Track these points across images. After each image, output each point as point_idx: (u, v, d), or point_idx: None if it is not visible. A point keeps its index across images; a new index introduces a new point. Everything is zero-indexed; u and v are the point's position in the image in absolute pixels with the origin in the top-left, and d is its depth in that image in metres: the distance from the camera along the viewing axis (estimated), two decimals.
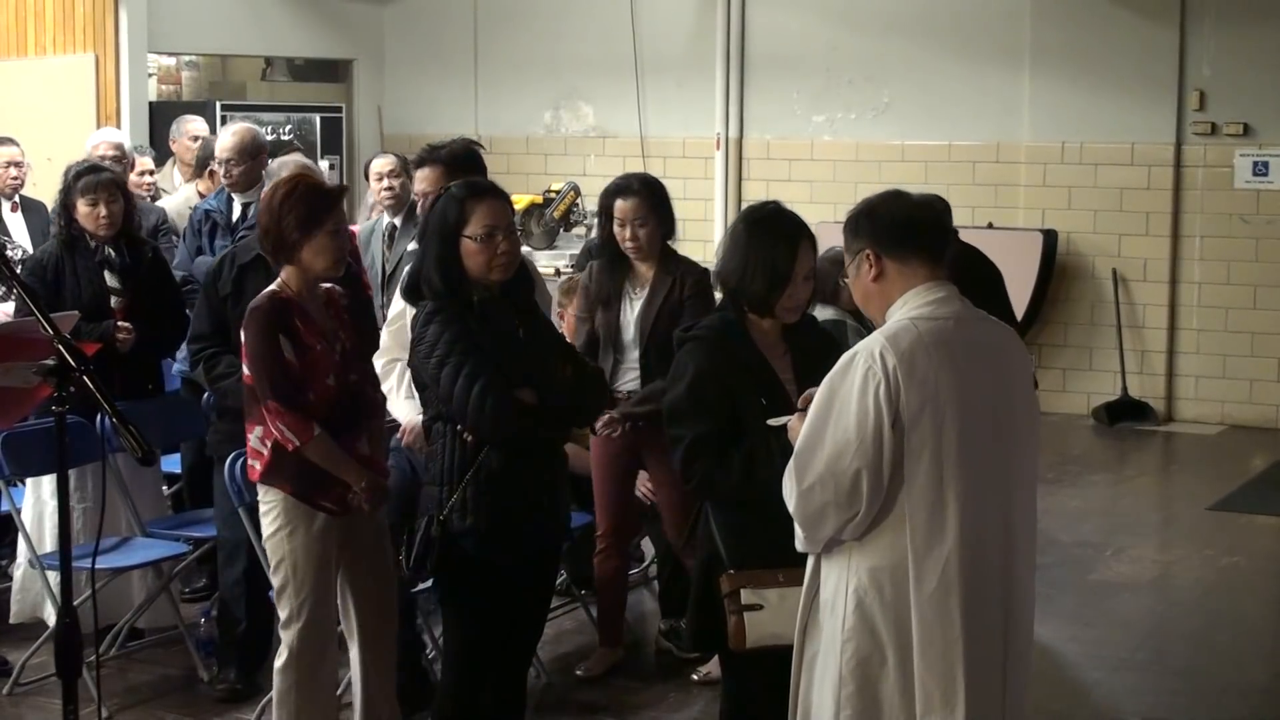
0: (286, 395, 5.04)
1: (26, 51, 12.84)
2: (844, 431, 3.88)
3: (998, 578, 3.98)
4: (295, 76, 15.27)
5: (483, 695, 5.01)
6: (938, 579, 3.89)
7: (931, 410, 3.86)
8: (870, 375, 3.86)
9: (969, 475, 3.90)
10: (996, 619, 3.98)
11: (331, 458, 5.10)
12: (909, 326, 3.93)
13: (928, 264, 4.02)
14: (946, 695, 3.90)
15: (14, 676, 6.53)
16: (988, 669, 3.96)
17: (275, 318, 5.08)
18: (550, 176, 13.21)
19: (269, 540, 5.21)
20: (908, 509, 3.90)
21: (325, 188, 5.30)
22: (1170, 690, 6.83)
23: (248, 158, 8.01)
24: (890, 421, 3.85)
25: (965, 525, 3.89)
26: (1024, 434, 4.08)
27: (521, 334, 4.91)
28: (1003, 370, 4.05)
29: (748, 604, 4.44)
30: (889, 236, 4.02)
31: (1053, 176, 12.62)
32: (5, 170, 9.27)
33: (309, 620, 5.17)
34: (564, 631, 7.27)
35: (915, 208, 4.09)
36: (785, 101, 13.71)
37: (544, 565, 5.15)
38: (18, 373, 3.89)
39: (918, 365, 3.86)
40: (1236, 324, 12.33)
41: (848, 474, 3.87)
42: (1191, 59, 12.30)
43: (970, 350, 3.96)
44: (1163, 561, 8.76)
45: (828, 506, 3.92)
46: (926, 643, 3.90)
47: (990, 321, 4.16)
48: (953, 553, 3.89)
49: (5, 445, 6.27)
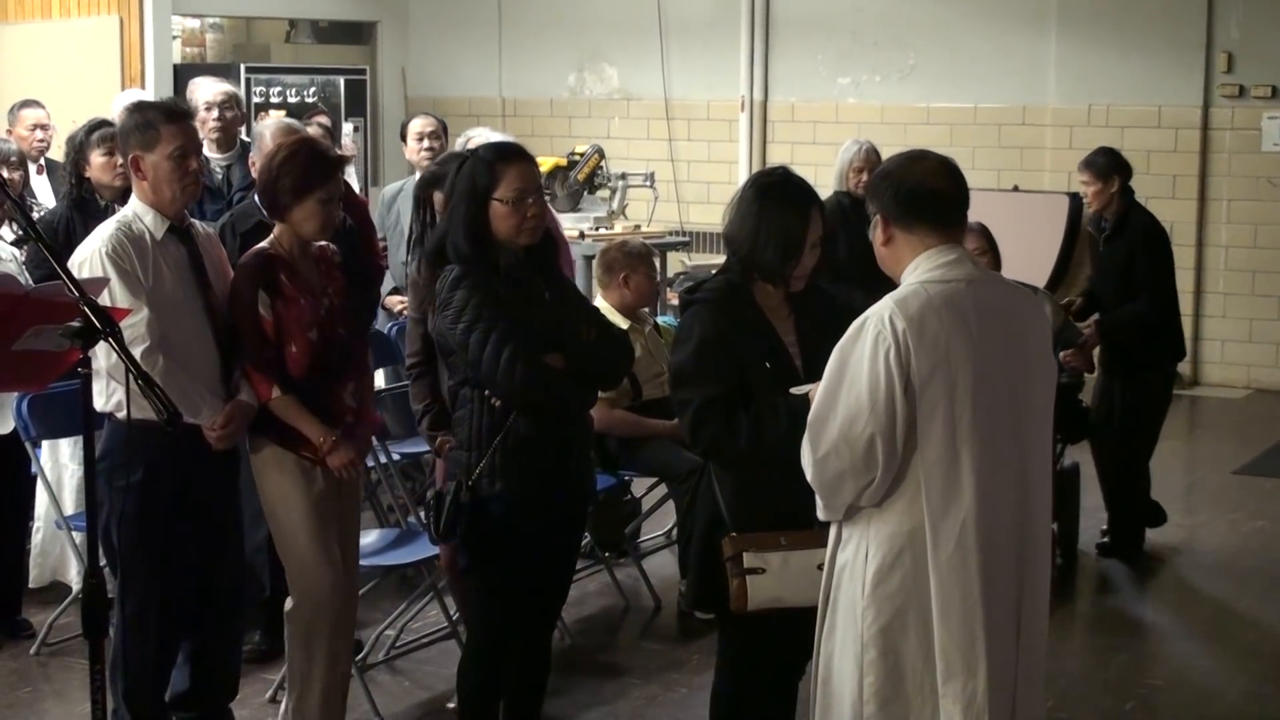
0: (251, 354, 5.16)
1: (51, 14, 12.85)
2: (856, 398, 3.87)
3: (1014, 541, 3.97)
4: (319, 39, 15.26)
5: (508, 657, 5.04)
6: (955, 542, 3.89)
7: (943, 373, 3.86)
8: (880, 340, 3.85)
9: (983, 438, 3.88)
10: (1012, 583, 3.97)
11: (292, 414, 5.18)
12: (919, 290, 3.92)
13: (937, 232, 4.00)
14: (968, 660, 3.90)
15: (41, 637, 6.58)
16: (1004, 633, 3.96)
17: (259, 275, 5.17)
18: (574, 139, 13.17)
19: (262, 489, 5.32)
20: (922, 473, 3.89)
21: (326, 156, 5.37)
22: (1195, 654, 6.82)
23: (238, 106, 8.04)
24: (902, 386, 3.84)
25: (981, 488, 3.89)
26: (1040, 397, 4.07)
27: (548, 297, 4.91)
28: (1018, 332, 4.02)
29: (750, 567, 4.42)
30: (896, 204, 4.01)
31: (1079, 139, 12.54)
32: (32, 133, 9.31)
33: (305, 568, 5.25)
34: (587, 594, 7.29)
35: (929, 174, 4.04)
36: (810, 64, 13.66)
37: (570, 529, 5.16)
38: (48, 337, 3.90)
39: (928, 328, 3.86)
40: (1263, 287, 12.28)
41: (861, 440, 3.87)
42: (1219, 21, 12.22)
43: (983, 312, 3.94)
44: (1188, 526, 8.74)
45: (844, 474, 3.92)
46: (946, 607, 3.90)
47: (1006, 284, 4.14)
48: (969, 516, 3.88)
49: (31, 407, 6.29)
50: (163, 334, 5.05)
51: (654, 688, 6.33)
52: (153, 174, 5.19)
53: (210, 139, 7.93)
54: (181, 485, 5.17)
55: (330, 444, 5.19)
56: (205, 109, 8.01)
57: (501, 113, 14.55)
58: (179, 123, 5.25)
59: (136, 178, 5.22)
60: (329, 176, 5.26)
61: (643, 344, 7.03)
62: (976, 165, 12.47)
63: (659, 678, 6.43)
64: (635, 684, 6.37)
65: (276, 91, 13.44)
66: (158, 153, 5.18)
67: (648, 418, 7.15)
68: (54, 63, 12.38)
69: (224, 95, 8.08)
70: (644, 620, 7.16)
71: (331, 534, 5.29)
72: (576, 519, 5.21)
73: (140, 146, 5.19)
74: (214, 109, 7.99)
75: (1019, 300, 4.13)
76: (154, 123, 5.21)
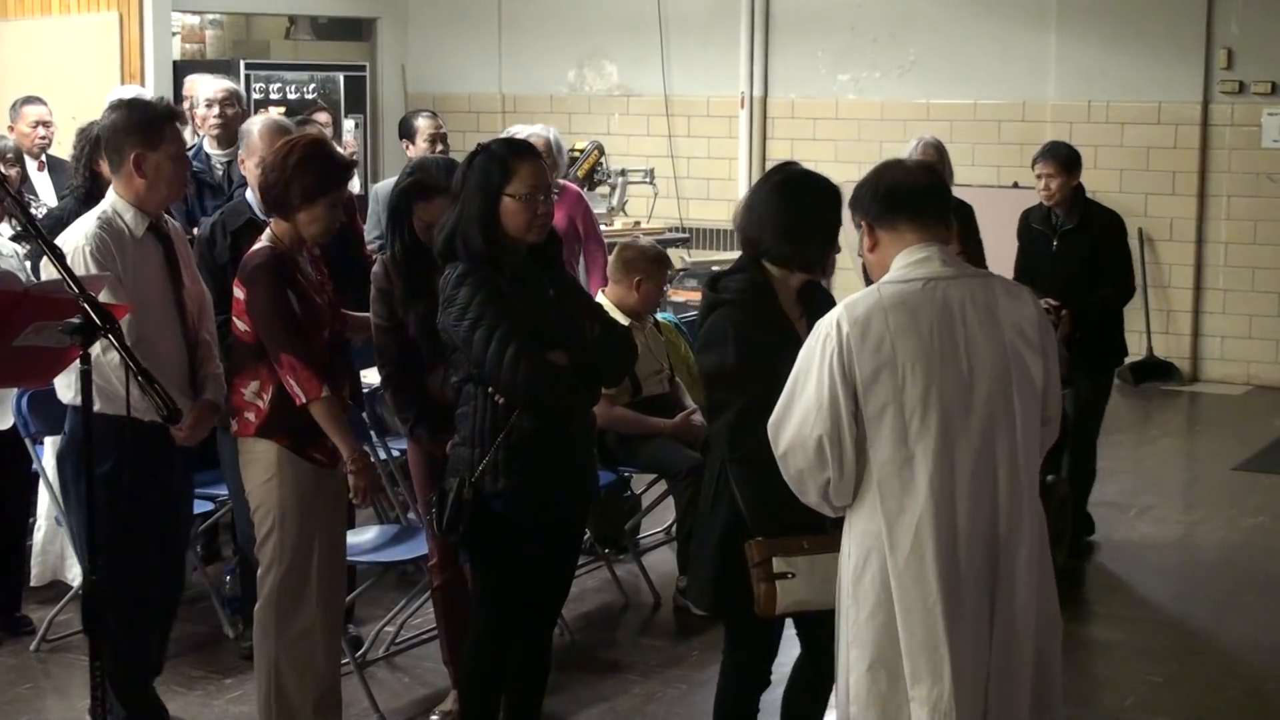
0: (301, 349, 5.09)
1: (51, 10, 12.85)
2: (806, 399, 3.94)
3: (982, 540, 3.93)
4: (319, 35, 15.25)
5: (509, 653, 5.04)
6: (910, 544, 3.89)
7: (889, 373, 3.88)
8: (826, 342, 3.92)
9: (938, 436, 3.88)
10: (983, 583, 3.94)
11: (330, 418, 5.13)
12: (871, 292, 3.97)
13: (917, 228, 4.01)
14: (932, 662, 3.89)
15: (41, 633, 6.59)
16: (975, 634, 3.93)
17: (282, 272, 5.14)
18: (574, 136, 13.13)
19: (258, 488, 5.25)
20: (875, 473, 3.93)
21: (339, 161, 5.35)
22: (1193, 650, 6.83)
23: (239, 103, 8.05)
24: (848, 388, 3.89)
25: (935, 488, 3.89)
26: (1022, 392, 3.98)
27: (552, 295, 4.91)
28: (988, 328, 3.96)
29: (779, 572, 4.41)
30: (875, 205, 4.05)
31: (1079, 135, 12.51)
32: (34, 130, 9.31)
33: (290, 568, 5.24)
34: (587, 590, 7.30)
35: (906, 173, 4.08)
36: (810, 60, 13.66)
37: (572, 527, 5.17)
38: (49, 333, 3.90)
39: (872, 329, 3.89)
40: (1263, 284, 12.28)
41: (811, 440, 3.94)
42: (1219, 17, 12.22)
43: (946, 310, 3.93)
44: (1187, 522, 8.74)
45: (803, 473, 4.00)
46: (907, 609, 3.91)
47: (983, 279, 4.08)
48: (924, 516, 3.88)
49: (30, 403, 6.29)
50: (138, 332, 5.00)
51: (653, 684, 6.33)
52: (153, 173, 5.21)
53: (211, 135, 7.94)
54: (143, 477, 5.15)
55: (361, 462, 5.17)
56: (206, 106, 8.02)
57: (501, 109, 14.55)
58: (177, 124, 5.31)
59: (134, 175, 5.22)
60: (342, 182, 5.26)
61: (642, 341, 7.02)
62: (976, 162, 12.50)
63: (658, 674, 6.43)
64: (635, 680, 6.37)
65: (276, 88, 13.43)
66: (161, 152, 5.21)
67: (647, 415, 7.15)
68: (53, 59, 12.37)
69: (225, 92, 8.08)
70: (643, 616, 7.17)
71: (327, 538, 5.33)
72: (579, 517, 5.21)
73: (144, 145, 5.20)
74: (215, 106, 7.99)
75: (998, 295, 4.04)
76: (158, 122, 5.24)
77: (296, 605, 5.28)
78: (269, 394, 5.17)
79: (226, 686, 6.22)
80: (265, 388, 5.17)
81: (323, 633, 5.37)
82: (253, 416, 5.21)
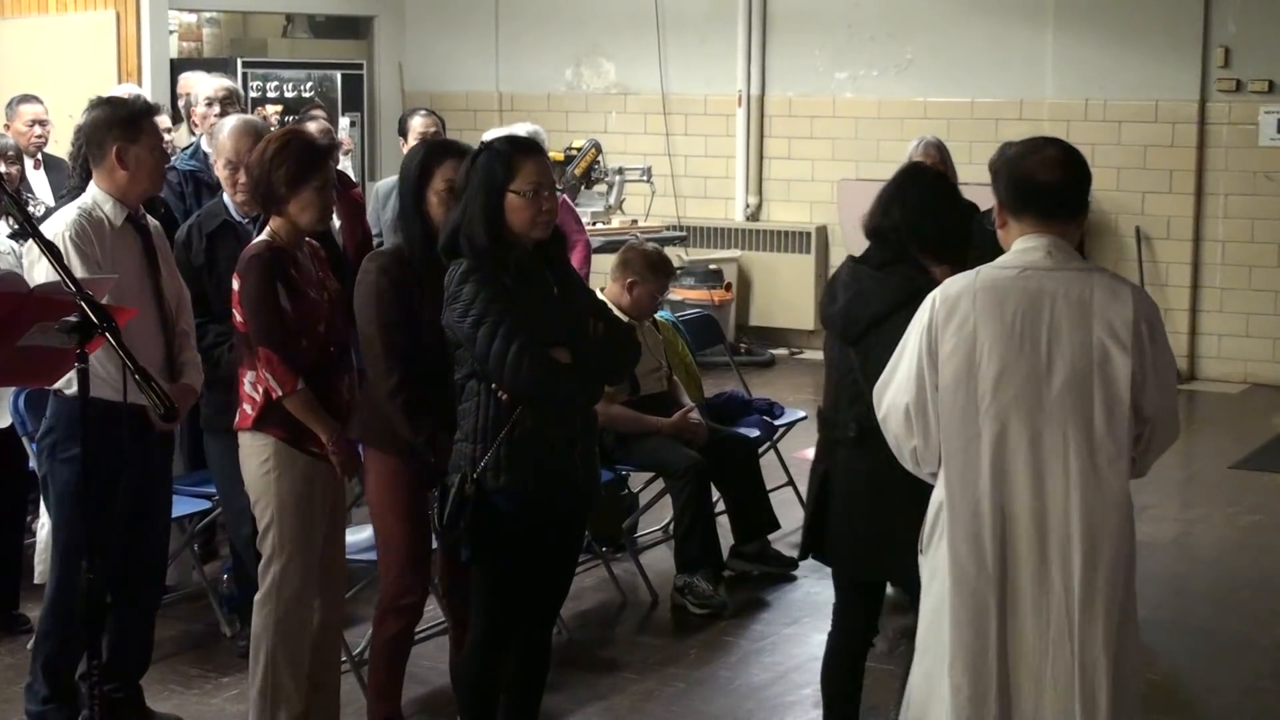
0: (279, 343, 5.15)
1: (47, 8, 12.84)
2: (903, 368, 4.13)
3: (1037, 532, 3.98)
4: (316, 33, 15.25)
5: (508, 652, 5.04)
6: (970, 516, 3.99)
7: (966, 352, 4.00)
8: (921, 315, 4.10)
9: (1006, 420, 3.98)
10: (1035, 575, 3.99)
11: (307, 410, 5.19)
12: (971, 273, 4.10)
13: (1038, 221, 4.10)
14: (979, 633, 3.99)
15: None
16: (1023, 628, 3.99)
17: (274, 265, 5.18)
18: (571, 134, 13.16)
19: (256, 481, 5.29)
20: (944, 446, 4.05)
21: (315, 145, 5.40)
22: (1191, 649, 6.83)
23: (238, 102, 8.06)
24: (932, 361, 4.04)
25: (996, 470, 3.98)
26: (1100, 390, 3.97)
27: (556, 292, 4.91)
28: (1076, 321, 3.99)
29: None
30: (1007, 193, 4.17)
31: (1076, 134, 12.52)
32: (30, 128, 9.31)
33: (291, 559, 5.26)
34: (584, 588, 7.29)
35: (1040, 166, 4.12)
36: (807, 58, 13.65)
37: (573, 525, 5.16)
38: (52, 333, 3.92)
39: (959, 308, 4.03)
40: (1260, 282, 12.28)
41: (900, 407, 4.11)
42: (1216, 15, 12.21)
43: (1033, 299, 4.00)
44: (1185, 520, 8.75)
45: (897, 438, 4.18)
46: (958, 578, 4.01)
47: (1083, 273, 4.06)
48: (985, 494, 3.99)
49: (28, 402, 6.29)
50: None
51: (650, 682, 6.33)
52: (135, 164, 5.36)
53: (210, 134, 7.93)
54: (118, 463, 5.13)
55: (340, 442, 5.23)
56: (206, 104, 8.02)
57: (499, 107, 14.54)
58: (155, 118, 5.49)
59: (117, 167, 5.35)
60: (322, 164, 5.30)
61: (641, 339, 7.02)
62: (974, 160, 12.40)
63: (656, 672, 6.43)
64: (632, 679, 6.37)
65: (273, 86, 13.44)
66: (142, 145, 5.37)
67: (645, 413, 7.15)
68: (50, 57, 12.36)
69: (224, 91, 8.09)
70: (641, 615, 7.17)
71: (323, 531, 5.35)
72: (580, 515, 5.20)
73: (125, 138, 5.35)
74: (214, 104, 7.99)
75: (1095, 290, 4.03)
76: (137, 117, 5.40)
77: (297, 598, 5.30)
78: (263, 386, 5.22)
79: (224, 685, 6.22)
80: (260, 380, 5.23)
81: (322, 627, 5.39)
82: (250, 409, 5.26)
